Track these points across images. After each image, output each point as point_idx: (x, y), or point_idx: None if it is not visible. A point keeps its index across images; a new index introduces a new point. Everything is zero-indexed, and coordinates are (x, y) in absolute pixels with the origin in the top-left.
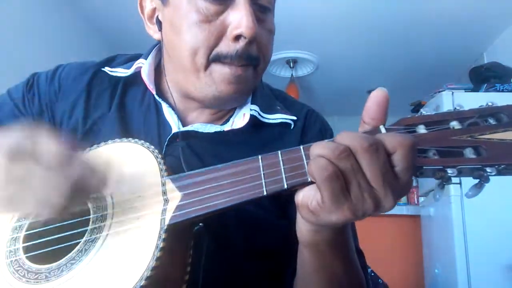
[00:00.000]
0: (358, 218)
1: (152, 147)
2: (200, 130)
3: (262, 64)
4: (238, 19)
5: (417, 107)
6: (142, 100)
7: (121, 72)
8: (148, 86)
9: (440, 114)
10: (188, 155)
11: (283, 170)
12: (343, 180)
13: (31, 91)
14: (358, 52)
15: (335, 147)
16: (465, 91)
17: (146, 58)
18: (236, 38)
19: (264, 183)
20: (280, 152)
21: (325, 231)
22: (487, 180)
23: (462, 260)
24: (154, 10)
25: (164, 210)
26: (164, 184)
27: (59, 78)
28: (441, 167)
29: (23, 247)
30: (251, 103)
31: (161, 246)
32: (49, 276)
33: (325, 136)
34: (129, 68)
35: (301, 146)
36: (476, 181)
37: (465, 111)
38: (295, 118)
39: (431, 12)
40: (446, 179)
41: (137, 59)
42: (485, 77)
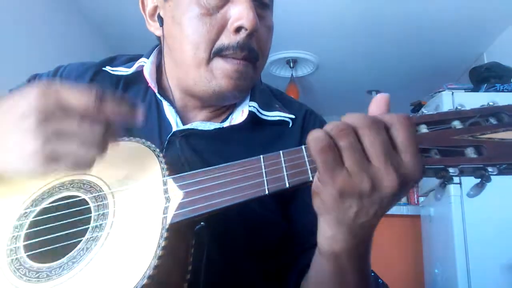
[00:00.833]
0: (354, 197)
1: (153, 146)
2: (199, 128)
3: (261, 60)
4: (239, 12)
5: (417, 107)
6: (144, 98)
7: (122, 70)
8: (150, 84)
9: (442, 114)
10: (188, 153)
11: (284, 169)
12: (338, 154)
13: None
14: (358, 52)
15: (337, 125)
16: (465, 91)
17: (148, 57)
18: (237, 30)
19: (266, 181)
20: (282, 152)
21: (344, 240)
22: (488, 179)
23: (462, 260)
24: (155, 8)
25: (165, 209)
26: (165, 183)
27: (60, 78)
28: (442, 166)
29: (24, 245)
30: (250, 100)
31: (163, 244)
32: (50, 275)
33: None
34: (130, 67)
35: (303, 146)
36: (477, 180)
37: (466, 111)
38: (293, 117)
39: (431, 12)
40: (448, 179)
41: (137, 59)
42: (485, 77)
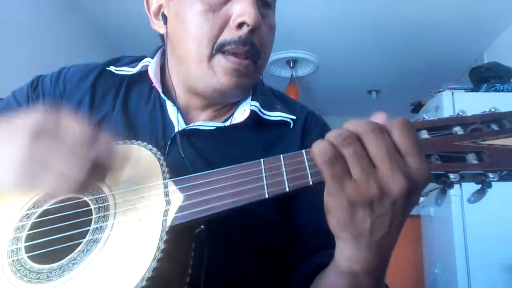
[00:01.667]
0: (365, 206)
1: (155, 149)
2: (202, 127)
3: (262, 59)
4: (242, 8)
5: (417, 107)
6: (148, 98)
7: (126, 70)
8: (154, 84)
9: (443, 120)
10: (190, 153)
11: (285, 173)
12: (345, 164)
13: (35, 92)
14: (358, 52)
15: (340, 133)
16: (465, 91)
17: (153, 58)
18: (239, 26)
19: (265, 185)
20: (282, 156)
21: (365, 259)
22: (489, 185)
23: (462, 260)
24: (160, 7)
25: (166, 211)
26: (166, 186)
27: (64, 79)
28: (443, 172)
29: (25, 246)
30: (252, 100)
31: (162, 247)
32: (50, 276)
33: None
34: (134, 67)
35: (303, 150)
36: (478, 186)
37: (468, 117)
38: (294, 118)
39: (431, 12)
40: (448, 184)
41: (141, 60)
42: (485, 77)
